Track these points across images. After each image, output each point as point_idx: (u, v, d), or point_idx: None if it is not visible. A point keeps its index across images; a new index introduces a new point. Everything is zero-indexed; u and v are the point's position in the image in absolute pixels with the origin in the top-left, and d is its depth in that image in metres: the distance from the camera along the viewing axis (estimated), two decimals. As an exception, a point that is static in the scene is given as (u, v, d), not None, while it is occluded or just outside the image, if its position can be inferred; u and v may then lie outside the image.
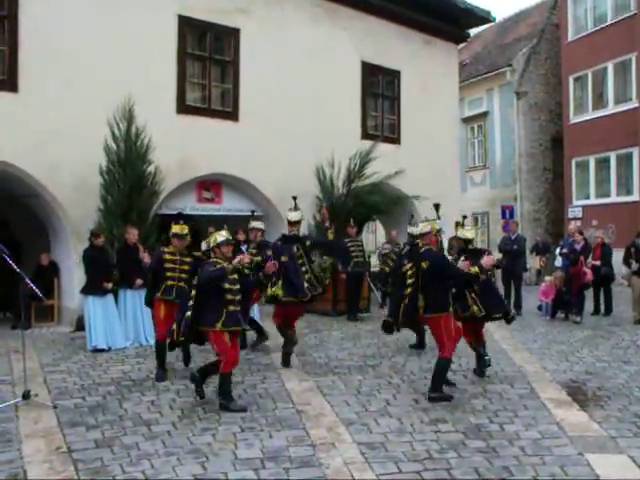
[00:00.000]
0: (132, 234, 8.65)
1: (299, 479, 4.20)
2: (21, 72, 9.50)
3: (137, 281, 8.48)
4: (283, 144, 12.10)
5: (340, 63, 13.29)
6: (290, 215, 7.77)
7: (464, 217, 7.22)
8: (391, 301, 7.51)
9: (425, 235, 6.18)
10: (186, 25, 11.24)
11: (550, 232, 20.32)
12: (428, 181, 13.75)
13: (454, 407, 5.75)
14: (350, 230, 11.57)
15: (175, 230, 6.94)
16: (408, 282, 6.14)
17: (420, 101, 14.67)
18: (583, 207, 18.97)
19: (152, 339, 8.00)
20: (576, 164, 19.40)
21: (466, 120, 22.40)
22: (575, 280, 11.14)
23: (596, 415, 5.52)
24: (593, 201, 18.85)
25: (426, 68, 14.82)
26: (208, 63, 11.64)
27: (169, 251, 6.98)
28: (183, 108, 11.19)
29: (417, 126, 14.55)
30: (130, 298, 8.72)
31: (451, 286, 6.19)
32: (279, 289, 7.27)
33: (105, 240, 8.95)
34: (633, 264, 10.97)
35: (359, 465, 4.41)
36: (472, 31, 17.66)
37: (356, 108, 13.83)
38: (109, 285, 8.61)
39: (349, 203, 12.74)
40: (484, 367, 6.85)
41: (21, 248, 10.60)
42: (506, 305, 7.43)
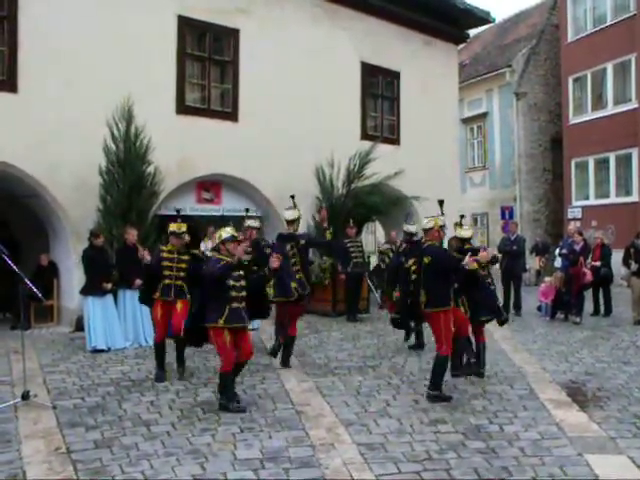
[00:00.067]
0: (131, 234, 8.65)
1: (298, 479, 4.20)
2: (21, 72, 9.50)
3: (136, 281, 8.45)
4: (283, 144, 12.09)
5: (340, 63, 13.29)
6: (286, 214, 7.78)
7: (462, 217, 7.22)
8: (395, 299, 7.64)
9: (428, 231, 6.20)
10: (186, 25, 11.24)
11: (550, 233, 20.32)
12: (428, 182, 13.72)
13: (454, 408, 5.75)
14: (350, 231, 11.57)
15: (172, 228, 6.98)
16: (412, 278, 6.18)
17: (420, 102, 14.66)
18: (582, 208, 18.96)
19: (151, 340, 8.00)
20: (575, 165, 19.41)
21: (466, 121, 22.41)
22: (575, 281, 11.14)
23: (596, 416, 5.52)
24: (592, 202, 18.85)
25: (426, 69, 14.82)
26: (208, 63, 11.63)
27: (167, 249, 7.02)
28: (183, 108, 11.19)
29: (417, 127, 14.54)
30: (130, 298, 8.71)
31: (453, 282, 6.18)
32: (271, 288, 7.30)
33: (104, 240, 8.95)
34: (632, 265, 10.97)
35: (358, 465, 4.41)
36: (472, 32, 17.68)
37: (356, 108, 13.84)
38: (108, 285, 8.61)
39: (349, 203, 12.75)
40: (479, 368, 6.84)
41: (20, 248, 10.59)
42: (499, 308, 7.37)
